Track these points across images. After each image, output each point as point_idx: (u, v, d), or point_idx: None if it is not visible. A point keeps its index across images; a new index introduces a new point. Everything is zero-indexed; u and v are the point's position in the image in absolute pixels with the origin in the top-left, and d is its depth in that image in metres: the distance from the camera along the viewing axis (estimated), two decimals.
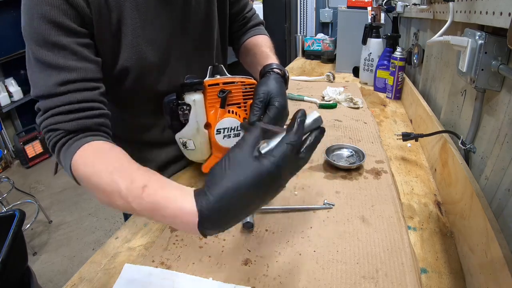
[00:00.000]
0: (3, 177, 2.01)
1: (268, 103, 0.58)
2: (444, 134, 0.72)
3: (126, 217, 0.84)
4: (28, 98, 2.82)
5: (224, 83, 0.61)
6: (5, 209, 1.87)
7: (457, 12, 0.69)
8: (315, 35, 2.41)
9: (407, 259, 0.48)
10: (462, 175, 0.57)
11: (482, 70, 0.57)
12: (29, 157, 2.84)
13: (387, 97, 1.28)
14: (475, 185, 0.52)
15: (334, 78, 1.47)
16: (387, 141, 0.91)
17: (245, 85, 0.62)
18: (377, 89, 1.36)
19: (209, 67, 0.64)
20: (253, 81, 0.63)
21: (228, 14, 0.77)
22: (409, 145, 0.89)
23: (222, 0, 0.72)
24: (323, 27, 2.56)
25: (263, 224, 0.57)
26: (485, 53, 0.56)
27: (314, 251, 0.51)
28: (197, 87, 0.59)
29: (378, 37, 1.36)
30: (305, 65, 1.92)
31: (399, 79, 1.20)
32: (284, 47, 2.87)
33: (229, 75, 0.64)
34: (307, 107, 1.14)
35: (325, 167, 0.74)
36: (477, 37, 0.56)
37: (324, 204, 0.61)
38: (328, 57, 1.90)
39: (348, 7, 1.59)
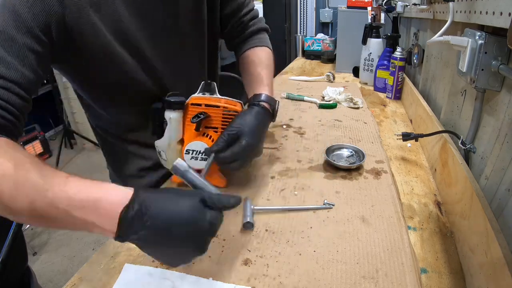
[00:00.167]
0: None
1: (237, 138, 0.58)
2: (444, 134, 0.72)
3: None
4: None
5: (206, 105, 0.61)
6: None
7: (457, 12, 0.70)
8: (315, 35, 2.41)
9: (407, 259, 0.48)
10: (462, 175, 0.57)
11: (482, 70, 0.57)
12: None
13: (387, 97, 1.28)
14: (475, 185, 0.52)
15: (334, 78, 1.47)
16: (387, 141, 0.91)
17: (227, 111, 0.62)
18: (377, 89, 1.36)
19: (202, 82, 0.64)
20: (237, 108, 0.62)
21: (218, 14, 0.75)
22: (409, 145, 0.89)
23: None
24: (323, 27, 2.56)
25: (263, 224, 0.57)
26: (485, 53, 0.56)
27: (314, 251, 0.51)
28: (176, 106, 0.60)
29: (378, 37, 1.37)
30: (305, 65, 1.92)
31: (399, 79, 1.20)
32: (284, 47, 2.87)
33: (218, 96, 0.63)
34: (307, 107, 1.14)
35: (325, 167, 0.74)
36: (477, 37, 0.56)
37: (324, 204, 0.61)
38: (328, 57, 1.91)
39: (348, 7, 1.59)
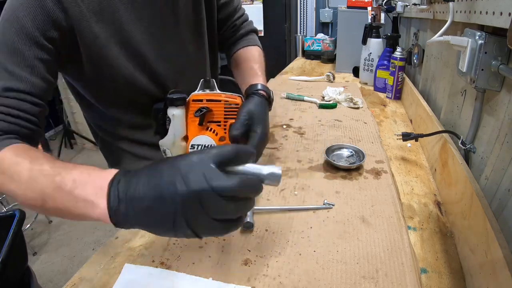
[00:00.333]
0: None
1: (249, 127, 0.59)
2: (444, 134, 0.72)
3: None
4: None
5: (207, 100, 0.61)
6: (5, 209, 1.87)
7: (457, 12, 0.70)
8: (315, 35, 2.41)
9: (407, 259, 0.48)
10: (462, 175, 0.57)
11: (482, 70, 0.57)
12: None
13: (387, 97, 1.28)
14: (475, 185, 0.52)
15: (334, 78, 1.47)
16: (387, 141, 0.91)
17: (229, 104, 0.62)
18: (377, 89, 1.36)
19: (201, 80, 0.65)
20: (237, 101, 0.62)
21: (216, 15, 0.77)
22: (409, 145, 0.89)
23: (209, 3, 0.73)
24: (323, 27, 2.55)
25: (263, 224, 0.57)
26: (485, 53, 0.56)
27: (314, 251, 0.51)
28: (178, 102, 0.61)
29: (378, 37, 1.37)
30: (305, 65, 1.92)
31: (399, 79, 1.20)
32: (284, 47, 2.87)
33: (218, 91, 0.64)
34: (307, 107, 1.14)
35: (325, 167, 0.74)
36: (477, 37, 0.56)
37: (324, 204, 0.61)
38: (328, 57, 1.91)
39: (348, 7, 1.59)
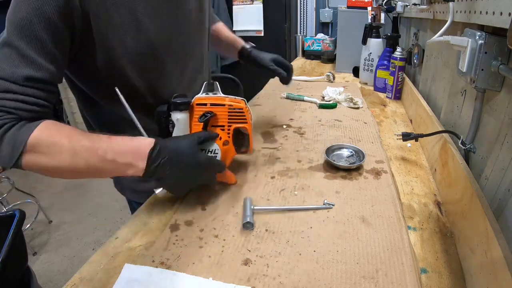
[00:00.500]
0: (3, 177, 2.00)
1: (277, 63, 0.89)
2: (444, 134, 0.72)
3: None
4: None
5: (211, 104, 0.62)
6: (5, 209, 1.87)
7: (457, 12, 0.70)
8: (315, 35, 2.41)
9: (407, 259, 0.48)
10: (462, 175, 0.57)
11: (482, 70, 0.57)
12: None
13: (387, 97, 1.28)
14: (475, 185, 0.52)
15: (334, 78, 1.47)
16: (387, 141, 0.91)
17: (233, 109, 0.63)
18: (377, 89, 1.36)
19: (204, 83, 0.66)
20: (241, 105, 0.63)
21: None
22: (409, 145, 0.89)
23: None
24: (323, 27, 2.56)
25: (263, 224, 0.57)
26: (485, 53, 0.56)
27: (314, 251, 0.51)
28: (182, 107, 0.61)
29: (378, 37, 1.37)
30: (305, 65, 1.92)
31: (399, 79, 1.20)
32: (284, 47, 2.87)
33: (222, 95, 0.65)
34: (307, 107, 1.14)
35: (325, 167, 0.74)
36: (477, 37, 0.56)
37: (324, 204, 0.61)
38: (328, 57, 1.91)
39: (348, 7, 1.59)
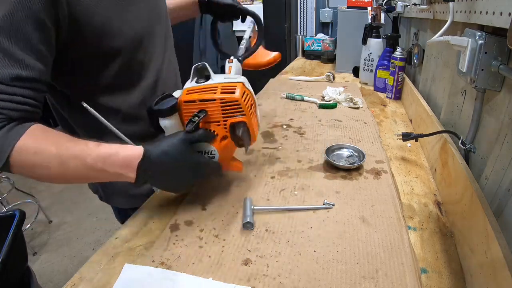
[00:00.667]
0: (3, 177, 2.00)
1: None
2: (444, 134, 0.72)
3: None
4: None
5: (200, 100, 0.54)
6: (5, 209, 1.87)
7: (457, 12, 0.70)
8: (315, 35, 2.41)
9: (407, 259, 0.48)
10: (462, 175, 0.57)
11: (482, 70, 0.57)
12: None
13: (387, 97, 1.28)
14: (475, 185, 0.52)
15: (334, 78, 1.47)
16: (387, 141, 0.91)
17: (225, 102, 0.54)
18: (377, 89, 1.36)
19: (193, 67, 0.59)
20: (235, 97, 0.54)
21: None
22: (409, 145, 0.89)
23: None
24: (323, 27, 2.55)
25: (263, 224, 0.57)
26: (485, 53, 0.56)
27: (314, 251, 0.51)
28: (167, 113, 0.56)
29: (378, 37, 1.37)
30: (305, 65, 1.92)
31: (399, 79, 1.20)
32: (284, 47, 2.87)
33: (214, 81, 0.57)
34: (307, 107, 1.14)
35: (325, 167, 0.74)
36: (477, 37, 0.56)
37: (324, 204, 0.61)
38: (328, 57, 1.91)
39: (348, 7, 1.59)
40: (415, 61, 1.15)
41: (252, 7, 2.81)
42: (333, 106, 1.12)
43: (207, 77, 0.58)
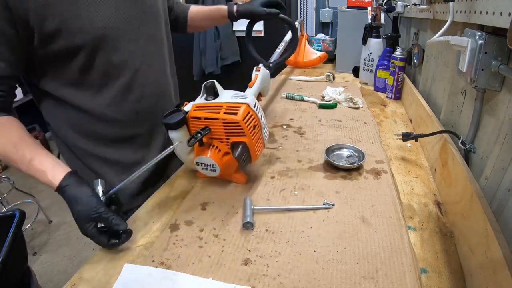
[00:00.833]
0: (3, 177, 2.00)
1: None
2: (444, 134, 0.72)
3: None
4: (28, 98, 2.82)
5: (205, 118, 0.59)
6: (5, 209, 1.87)
7: (457, 12, 0.70)
8: (315, 35, 2.40)
9: (407, 259, 0.48)
10: (462, 175, 0.57)
11: (482, 70, 0.57)
12: None
13: (387, 97, 1.28)
14: (475, 185, 0.52)
15: (334, 78, 1.47)
16: (387, 141, 0.91)
17: (227, 123, 0.58)
18: (377, 89, 1.36)
19: (203, 84, 0.63)
20: (236, 118, 0.57)
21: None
22: (409, 145, 0.89)
23: None
24: (323, 27, 2.55)
25: (263, 224, 0.57)
26: (485, 53, 0.56)
27: (314, 251, 0.51)
28: (175, 126, 0.60)
29: (378, 37, 1.36)
30: None
31: (399, 79, 1.20)
32: None
33: (220, 101, 0.61)
34: (307, 107, 1.14)
35: (325, 167, 0.74)
36: (477, 37, 0.56)
37: (324, 204, 0.61)
38: (328, 57, 1.90)
39: (348, 7, 1.59)
40: (415, 61, 1.14)
41: None
42: (333, 106, 1.12)
43: (216, 94, 0.62)
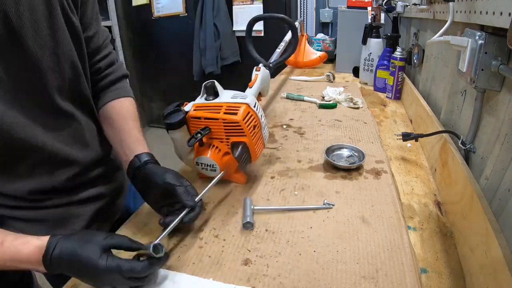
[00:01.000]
0: None
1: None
2: (444, 134, 0.72)
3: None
4: None
5: (205, 118, 0.59)
6: None
7: (457, 12, 0.70)
8: (315, 35, 2.41)
9: (407, 259, 0.48)
10: (462, 175, 0.57)
11: (482, 70, 0.57)
12: None
13: (387, 97, 1.28)
14: (475, 185, 0.52)
15: (334, 78, 1.47)
16: (387, 141, 0.91)
17: (227, 123, 0.58)
18: (377, 89, 1.36)
19: (203, 84, 0.61)
20: (235, 119, 0.57)
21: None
22: (409, 145, 0.89)
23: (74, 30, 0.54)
24: (323, 27, 2.55)
25: (263, 224, 0.57)
26: (485, 53, 0.56)
27: (314, 251, 0.51)
28: (175, 126, 0.60)
29: (378, 37, 1.36)
30: None
31: (399, 79, 1.20)
32: None
33: (220, 101, 0.60)
34: (307, 107, 1.14)
35: (325, 167, 0.74)
36: (477, 37, 0.56)
37: (324, 204, 0.61)
38: (328, 57, 1.90)
39: (348, 7, 1.59)
40: (415, 61, 1.14)
41: (252, 7, 2.80)
42: (333, 106, 1.12)
43: (216, 94, 0.62)
